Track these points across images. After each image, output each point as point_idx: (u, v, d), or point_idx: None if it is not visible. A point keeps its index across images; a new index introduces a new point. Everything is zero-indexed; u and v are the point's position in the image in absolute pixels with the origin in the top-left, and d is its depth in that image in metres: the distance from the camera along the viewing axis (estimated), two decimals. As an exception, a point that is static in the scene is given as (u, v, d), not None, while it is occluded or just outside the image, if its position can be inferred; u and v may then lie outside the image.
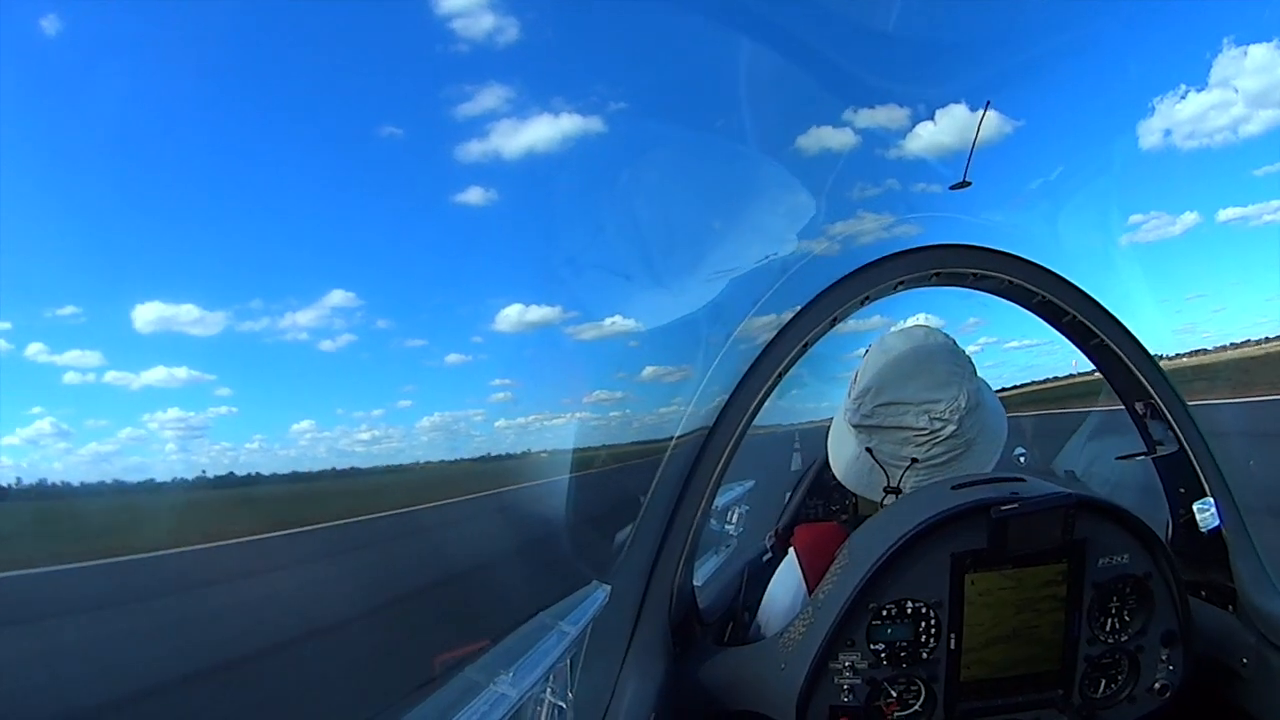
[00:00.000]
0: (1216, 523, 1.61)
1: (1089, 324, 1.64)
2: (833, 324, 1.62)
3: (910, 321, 1.66)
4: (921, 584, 1.30)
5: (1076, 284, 1.64)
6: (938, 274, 1.62)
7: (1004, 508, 1.24)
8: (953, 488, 1.36)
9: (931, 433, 1.48)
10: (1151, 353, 1.67)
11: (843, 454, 1.64)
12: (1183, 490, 1.68)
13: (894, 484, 1.52)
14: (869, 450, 1.55)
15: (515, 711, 1.12)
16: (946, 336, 1.59)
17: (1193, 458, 1.63)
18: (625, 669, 1.49)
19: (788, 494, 3.13)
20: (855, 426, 1.56)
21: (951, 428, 1.47)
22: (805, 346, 1.61)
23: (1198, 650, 1.41)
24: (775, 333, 1.62)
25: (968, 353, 1.58)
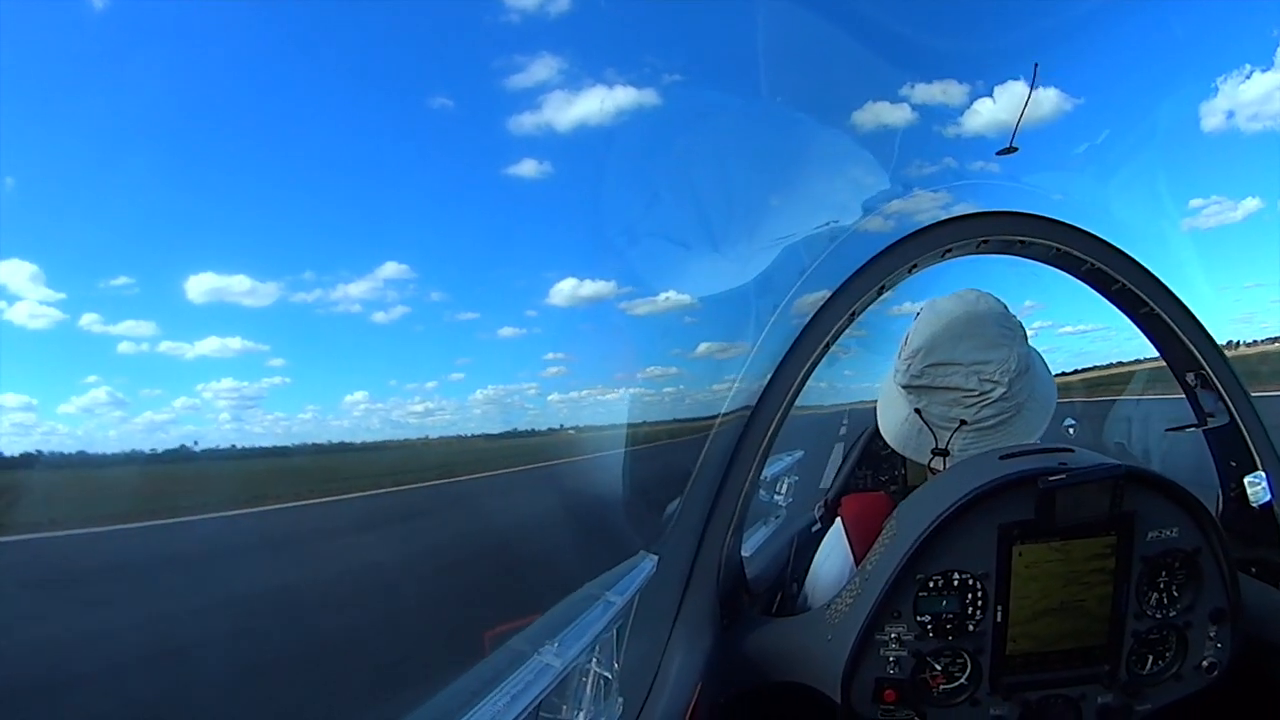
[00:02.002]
0: (1268, 497, 1.58)
1: (1139, 292, 1.62)
2: (880, 292, 1.62)
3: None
4: (968, 555, 1.29)
5: (1127, 252, 1.61)
6: (985, 241, 1.61)
7: (1051, 478, 1.23)
8: (1000, 458, 1.34)
9: (981, 394, 1.47)
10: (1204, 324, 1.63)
11: (892, 415, 1.64)
12: (1233, 464, 1.65)
13: (942, 446, 1.52)
14: (918, 411, 1.55)
15: (561, 681, 1.13)
16: (998, 301, 1.57)
17: (1244, 431, 1.60)
18: (673, 639, 1.51)
19: (837, 464, 3.12)
20: (905, 387, 1.56)
21: (1001, 390, 1.46)
22: (853, 316, 1.61)
23: (1246, 629, 1.38)
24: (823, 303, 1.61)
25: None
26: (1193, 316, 1.63)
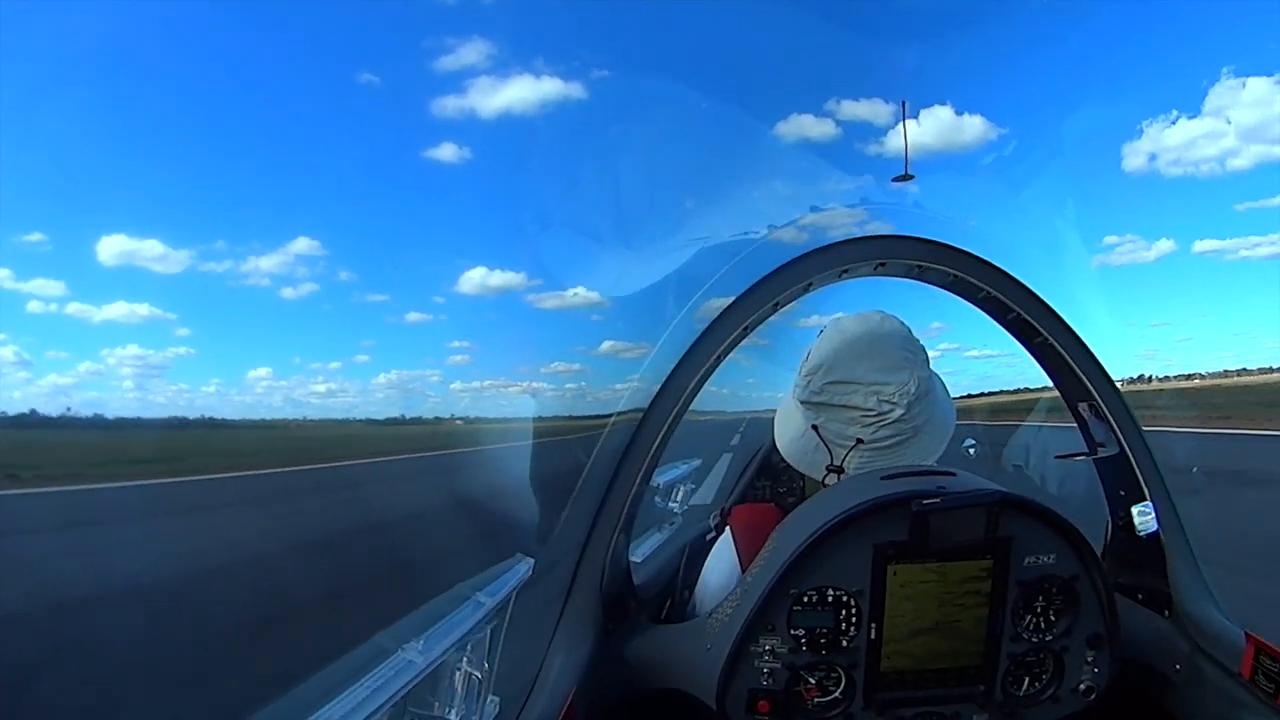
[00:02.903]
0: (1154, 527, 1.61)
1: (1033, 322, 1.64)
2: (775, 309, 1.62)
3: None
4: (843, 572, 1.30)
5: (1023, 282, 1.63)
6: (882, 264, 1.62)
7: (925, 502, 1.24)
8: (882, 478, 1.35)
9: (879, 414, 1.49)
10: (1097, 355, 1.66)
11: (789, 430, 1.64)
12: (1122, 493, 1.68)
13: (837, 463, 1.53)
14: (815, 428, 1.56)
15: (432, 680, 1.13)
16: (902, 323, 1.60)
17: (1133, 461, 1.63)
18: (554, 642, 1.50)
19: (737, 474, 3.16)
20: (803, 403, 1.58)
21: (899, 411, 1.48)
22: (746, 330, 1.61)
23: (1130, 654, 1.41)
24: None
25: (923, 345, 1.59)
26: (1085, 347, 1.66)
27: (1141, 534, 1.63)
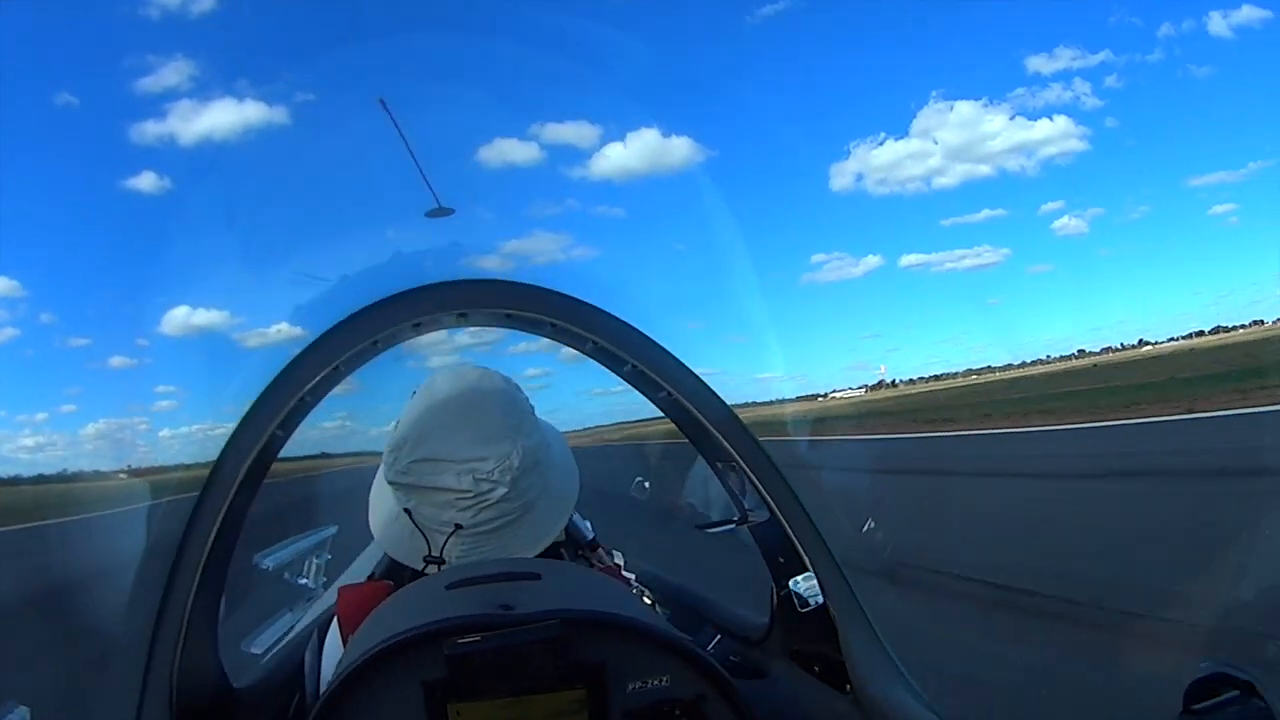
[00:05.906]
0: (819, 598, 1.47)
1: (653, 374, 1.46)
2: (337, 369, 1.41)
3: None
4: (393, 713, 0.99)
5: (637, 326, 1.46)
6: (463, 314, 1.43)
7: (461, 641, 0.95)
8: (447, 586, 1.08)
9: (477, 495, 1.23)
10: (732, 404, 1.51)
11: (381, 513, 1.36)
12: (782, 560, 1.53)
13: (436, 552, 1.27)
14: (408, 511, 1.29)
15: None
16: (506, 380, 1.34)
17: (788, 528, 1.47)
18: None
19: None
20: (392, 484, 1.29)
21: (502, 490, 1.23)
22: (303, 400, 1.40)
23: None
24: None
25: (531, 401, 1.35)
26: (720, 402, 1.50)
27: (808, 606, 1.49)
